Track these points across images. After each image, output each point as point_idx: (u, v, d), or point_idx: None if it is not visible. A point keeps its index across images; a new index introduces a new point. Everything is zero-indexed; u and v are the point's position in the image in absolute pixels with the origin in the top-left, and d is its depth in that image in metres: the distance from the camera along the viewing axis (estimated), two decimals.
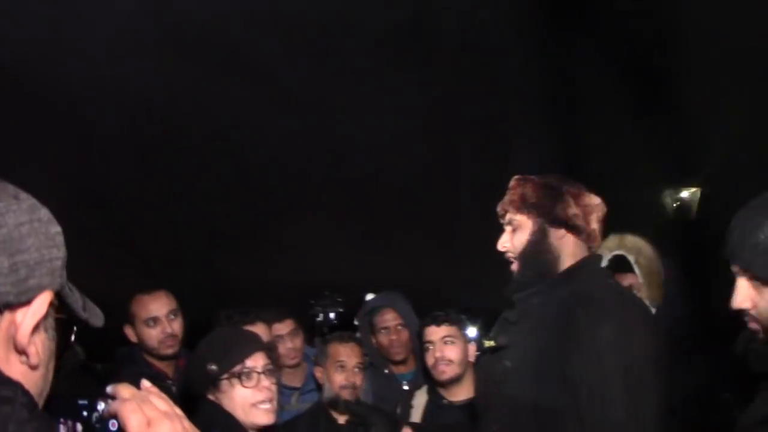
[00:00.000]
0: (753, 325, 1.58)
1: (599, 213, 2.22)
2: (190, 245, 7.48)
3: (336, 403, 3.21)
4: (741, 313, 1.59)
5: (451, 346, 3.11)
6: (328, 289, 4.39)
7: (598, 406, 1.92)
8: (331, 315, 4.12)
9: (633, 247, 2.90)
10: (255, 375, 2.20)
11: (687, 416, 2.35)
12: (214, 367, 2.17)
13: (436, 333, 3.11)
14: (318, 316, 4.15)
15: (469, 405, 3.01)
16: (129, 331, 3.26)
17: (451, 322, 3.13)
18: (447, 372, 3.07)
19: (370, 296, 4.05)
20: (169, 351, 3.20)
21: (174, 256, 7.44)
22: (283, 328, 3.61)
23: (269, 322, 3.22)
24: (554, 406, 2.01)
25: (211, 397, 2.22)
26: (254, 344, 2.31)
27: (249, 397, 2.17)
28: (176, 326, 3.25)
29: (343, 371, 3.23)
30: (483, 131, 6.29)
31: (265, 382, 2.20)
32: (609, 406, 1.91)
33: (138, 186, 6.48)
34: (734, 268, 1.59)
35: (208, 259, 7.80)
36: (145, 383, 1.16)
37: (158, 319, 3.21)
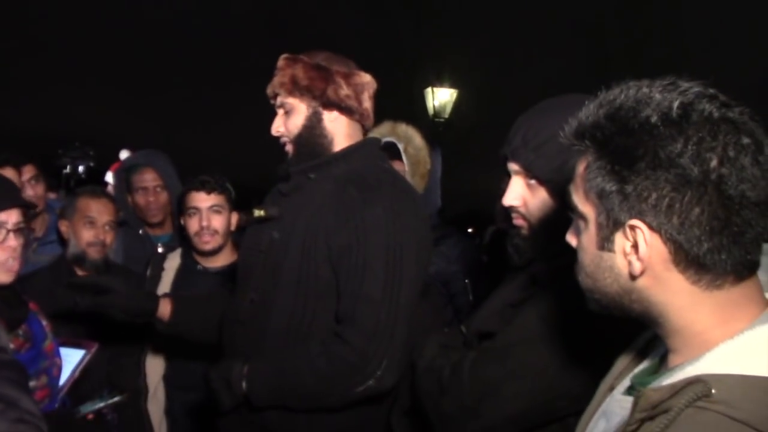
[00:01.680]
0: (518, 222, 1.71)
1: (370, 91, 2.24)
2: None
3: (81, 260, 3.04)
4: (509, 209, 1.70)
5: (217, 216, 3.04)
6: (77, 141, 4.08)
7: (357, 282, 1.98)
8: (81, 167, 3.83)
9: (404, 135, 2.98)
10: (3, 231, 1.98)
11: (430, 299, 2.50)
12: None
13: (204, 200, 3.02)
14: (66, 168, 3.84)
15: (224, 272, 3.00)
16: None
17: (220, 190, 3.04)
18: (211, 242, 3.02)
19: (124, 153, 3.81)
20: None
21: None
22: (25, 173, 3.32)
23: (19, 167, 2.92)
24: (316, 280, 2.06)
25: None
26: (11, 198, 2.07)
27: None
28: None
29: (93, 228, 3.05)
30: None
31: (13, 241, 1.99)
32: (367, 283, 1.97)
33: None
34: (513, 167, 1.68)
35: None
36: None
37: None
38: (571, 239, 1.15)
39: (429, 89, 10.23)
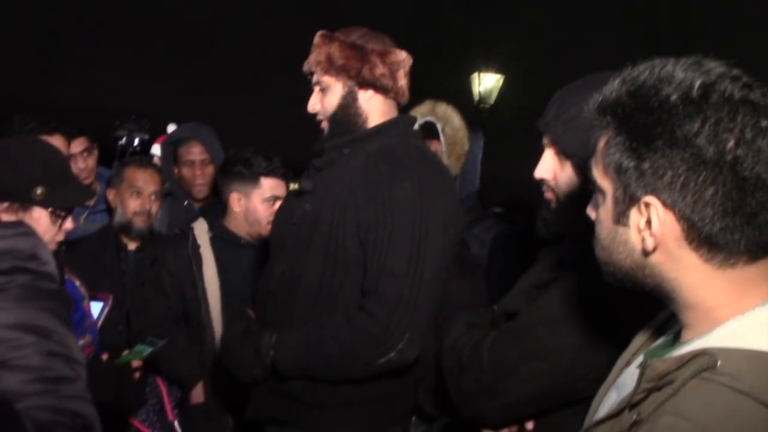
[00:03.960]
0: (548, 195, 1.72)
1: (406, 68, 2.24)
2: None
3: (127, 229, 3.14)
4: (541, 183, 1.72)
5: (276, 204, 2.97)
6: (133, 114, 4.16)
7: (382, 256, 2.02)
8: (136, 140, 3.92)
9: (443, 115, 3.00)
10: (70, 220, 2.05)
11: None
12: (41, 191, 1.90)
13: (283, 191, 2.98)
14: (121, 139, 3.93)
15: (263, 243, 3.06)
16: None
17: (288, 179, 2.98)
18: (267, 230, 2.99)
19: (171, 126, 3.89)
20: None
21: None
22: (77, 145, 3.41)
23: (68, 136, 3.02)
24: (343, 253, 2.10)
25: (2, 207, 2.02)
26: (88, 193, 2.17)
27: (55, 235, 1.98)
28: None
29: (139, 197, 3.15)
30: None
31: (71, 225, 2.07)
32: (391, 258, 2.01)
33: None
34: (545, 140, 1.70)
35: None
36: None
37: None
38: (590, 212, 1.18)
39: (475, 74, 10.16)
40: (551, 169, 1.69)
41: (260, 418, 2.26)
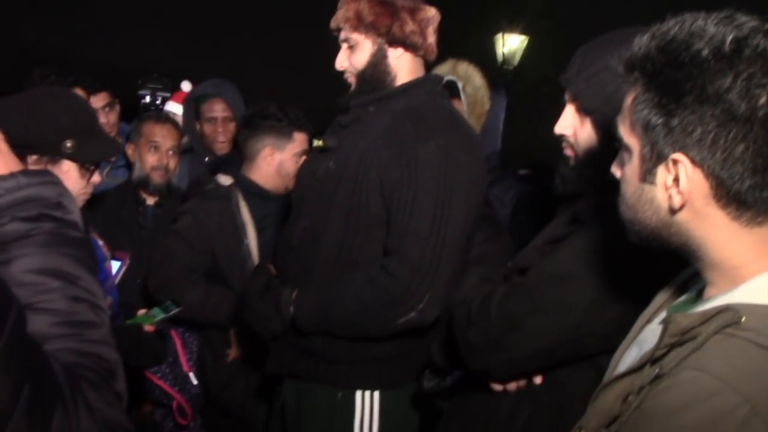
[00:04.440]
0: (568, 151, 1.71)
1: (435, 24, 2.21)
2: None
3: (145, 184, 3.15)
4: (561, 138, 1.71)
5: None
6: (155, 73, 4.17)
7: (406, 216, 2.01)
8: (159, 98, 3.93)
9: (463, 74, 2.96)
10: (97, 174, 2.06)
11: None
12: (71, 144, 1.89)
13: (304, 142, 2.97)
14: (144, 98, 3.94)
15: (285, 199, 3.06)
16: None
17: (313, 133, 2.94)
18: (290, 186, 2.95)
19: (186, 84, 3.88)
20: None
21: None
22: (98, 100, 3.43)
23: (88, 90, 3.03)
24: (366, 212, 2.10)
25: (32, 159, 2.02)
26: (116, 148, 2.18)
27: (83, 188, 1.99)
28: None
29: (157, 152, 3.15)
30: None
31: (98, 178, 2.08)
32: (415, 218, 2.00)
33: None
34: (567, 96, 1.68)
35: (14, 26, 7.09)
36: None
37: None
38: (615, 170, 1.16)
39: (499, 35, 10.03)
40: (571, 125, 1.68)
41: (279, 372, 2.28)
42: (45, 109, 1.91)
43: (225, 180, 2.99)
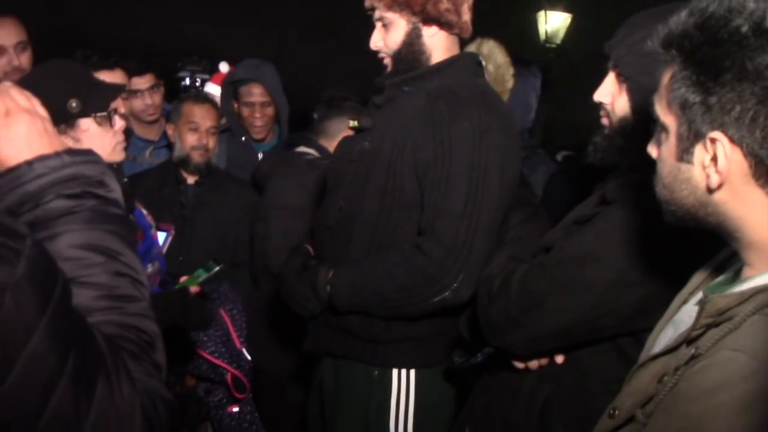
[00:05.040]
0: (605, 120, 1.70)
1: (470, 1, 2.19)
2: None
3: (186, 163, 3.21)
4: (599, 107, 1.70)
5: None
6: (195, 55, 4.20)
7: (440, 196, 2.01)
8: (198, 80, 3.97)
9: (487, 53, 2.91)
10: (118, 118, 2.14)
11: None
12: (75, 103, 2.03)
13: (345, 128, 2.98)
14: (184, 80, 3.99)
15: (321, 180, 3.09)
16: None
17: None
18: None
19: (224, 65, 3.91)
20: None
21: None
22: (143, 82, 3.48)
23: (129, 72, 3.08)
24: (401, 191, 2.10)
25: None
26: (118, 87, 2.23)
27: (112, 137, 2.11)
28: (24, 60, 3.03)
29: (196, 132, 3.20)
30: None
31: (122, 122, 2.16)
32: (449, 198, 2.00)
33: None
34: (609, 63, 1.67)
35: (61, 3, 7.22)
36: (6, 83, 1.11)
37: (4, 48, 2.98)
38: (651, 150, 1.15)
39: (541, 12, 9.87)
40: (610, 93, 1.67)
41: (317, 350, 2.32)
42: (42, 84, 1.99)
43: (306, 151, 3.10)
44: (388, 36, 2.18)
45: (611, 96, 1.66)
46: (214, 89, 3.79)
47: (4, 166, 1.05)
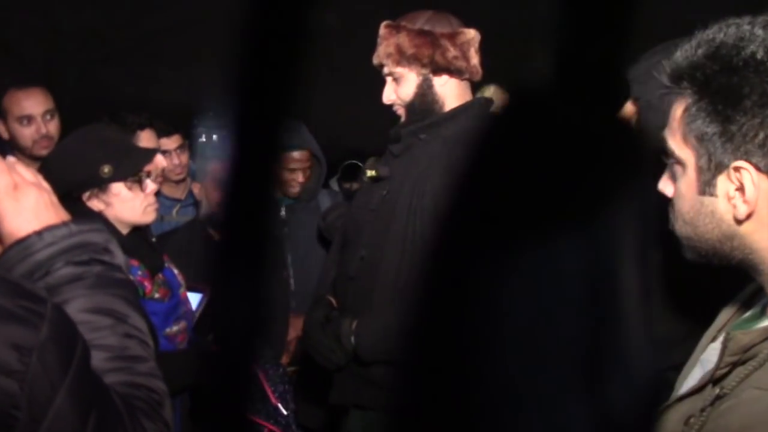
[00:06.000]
0: None
1: (476, 45, 2.20)
2: (73, 54, 7.08)
3: (212, 221, 3.23)
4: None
5: None
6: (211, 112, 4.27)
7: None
8: (215, 137, 4.01)
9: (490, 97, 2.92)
10: (149, 181, 2.17)
11: None
12: (108, 169, 2.06)
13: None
14: (201, 137, 4.03)
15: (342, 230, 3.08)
16: (0, 127, 3.09)
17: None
18: None
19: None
20: (43, 152, 3.01)
21: (55, 64, 7.05)
22: (171, 143, 3.52)
23: (158, 131, 3.13)
24: (422, 238, 2.09)
25: (86, 197, 2.13)
26: (150, 152, 2.27)
27: (143, 200, 2.14)
28: (52, 128, 3.10)
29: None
30: None
31: (154, 186, 2.19)
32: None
33: None
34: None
35: (92, 69, 7.45)
36: (11, 158, 1.15)
37: (32, 117, 3.05)
38: (665, 187, 1.11)
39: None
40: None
41: (344, 402, 2.29)
42: (74, 150, 2.11)
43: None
44: (399, 89, 2.20)
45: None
46: None
47: (14, 238, 1.08)
